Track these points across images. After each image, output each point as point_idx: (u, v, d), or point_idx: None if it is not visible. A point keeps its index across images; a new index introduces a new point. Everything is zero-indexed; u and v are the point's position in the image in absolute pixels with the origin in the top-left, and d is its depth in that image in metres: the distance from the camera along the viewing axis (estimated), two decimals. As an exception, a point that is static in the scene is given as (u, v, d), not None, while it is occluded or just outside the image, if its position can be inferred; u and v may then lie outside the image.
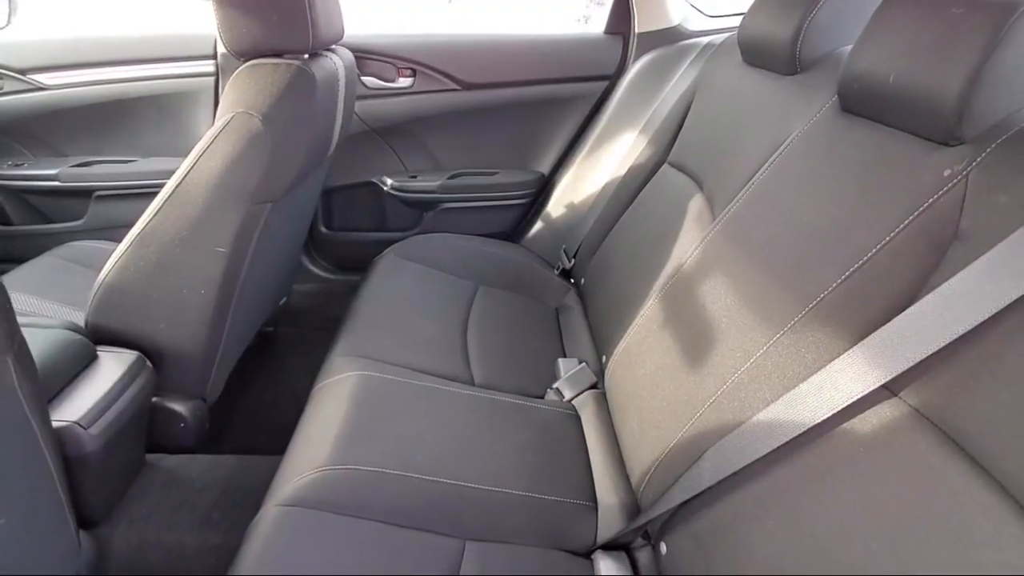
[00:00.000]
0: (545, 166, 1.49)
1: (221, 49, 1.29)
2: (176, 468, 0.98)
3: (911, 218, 0.53)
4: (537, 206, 1.48)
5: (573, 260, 1.36)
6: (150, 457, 0.98)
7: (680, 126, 1.17)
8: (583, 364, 1.08)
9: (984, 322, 0.44)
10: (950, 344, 0.46)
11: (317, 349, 1.06)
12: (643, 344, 0.87)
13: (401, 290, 1.20)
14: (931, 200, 0.52)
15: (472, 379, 1.02)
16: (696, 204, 0.98)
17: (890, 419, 0.49)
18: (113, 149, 1.41)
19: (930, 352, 0.46)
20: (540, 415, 0.95)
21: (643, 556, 0.76)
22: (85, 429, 0.73)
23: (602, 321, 1.12)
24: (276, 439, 0.88)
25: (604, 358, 1.03)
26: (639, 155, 1.24)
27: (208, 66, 1.32)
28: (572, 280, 1.37)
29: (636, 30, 1.34)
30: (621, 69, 1.38)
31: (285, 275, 1.31)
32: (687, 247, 0.89)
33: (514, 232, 1.52)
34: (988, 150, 0.49)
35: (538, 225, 1.46)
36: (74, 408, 0.74)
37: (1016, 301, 0.43)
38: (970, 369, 0.45)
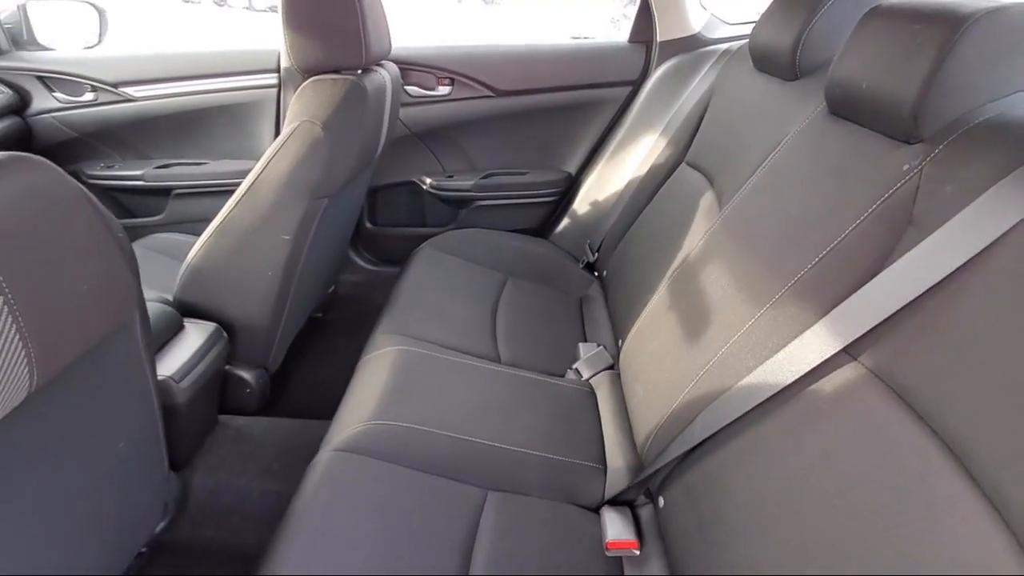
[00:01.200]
0: (572, 166, 1.59)
1: (284, 64, 1.45)
2: (242, 427, 1.14)
3: (874, 207, 0.60)
4: (564, 203, 1.58)
5: (597, 254, 1.46)
6: (221, 417, 1.14)
7: (697, 128, 1.25)
8: (601, 347, 1.17)
9: (924, 293, 0.52)
10: (897, 313, 0.54)
11: (361, 333, 1.19)
12: (652, 326, 0.96)
13: (437, 279, 1.32)
14: (891, 191, 0.59)
15: (499, 358, 1.13)
16: (707, 200, 1.06)
17: (849, 379, 0.57)
18: (189, 152, 1.59)
19: (879, 320, 0.55)
20: (559, 390, 1.05)
21: (644, 512, 0.85)
22: (177, 383, 0.88)
23: (620, 308, 1.21)
24: (325, 406, 1.01)
25: (620, 341, 1.12)
26: (659, 155, 1.33)
27: (271, 79, 1.48)
28: (595, 272, 1.46)
29: (658, 39, 1.42)
30: (644, 75, 1.47)
31: (335, 265, 1.46)
32: (695, 238, 0.97)
33: (542, 228, 1.62)
34: (940, 147, 0.57)
35: (565, 221, 1.56)
36: (167, 366, 0.89)
37: (950, 274, 0.50)
38: (913, 334, 0.53)
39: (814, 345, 0.60)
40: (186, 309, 1.01)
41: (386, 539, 0.72)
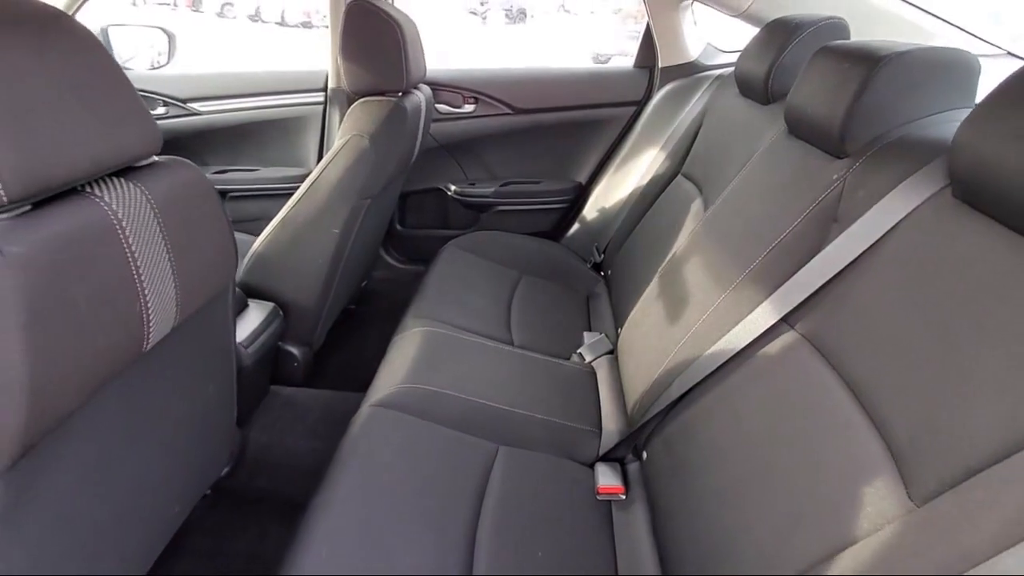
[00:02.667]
0: (582, 176, 1.76)
1: (331, 85, 1.65)
2: (290, 395, 1.32)
3: (810, 209, 0.76)
4: (574, 210, 1.75)
5: (603, 255, 1.62)
6: (272, 387, 1.33)
7: (692, 143, 1.41)
8: (603, 335, 1.33)
9: (839, 273, 0.67)
10: (820, 289, 0.69)
11: (389, 322, 1.34)
12: (643, 312, 1.12)
13: (459, 275, 1.49)
14: (823, 196, 0.75)
15: (512, 341, 1.29)
16: (696, 206, 1.22)
17: (786, 343, 0.73)
18: (244, 160, 1.80)
19: (807, 296, 0.70)
20: (564, 370, 1.21)
21: (632, 469, 1.00)
22: (245, 349, 1.06)
23: (620, 301, 1.36)
24: (359, 381, 1.17)
25: (619, 329, 1.28)
26: (659, 167, 1.49)
27: (318, 97, 1.69)
28: (601, 272, 1.62)
29: (660, 64, 1.59)
30: (647, 97, 1.63)
31: (369, 260, 1.64)
32: (683, 239, 1.13)
33: (554, 231, 1.79)
34: (859, 161, 0.72)
35: (575, 226, 1.72)
36: (238, 334, 1.08)
37: (856, 258, 0.66)
38: (831, 306, 0.68)
39: (761, 318, 0.76)
40: (250, 290, 1.20)
41: (415, 480, 0.88)
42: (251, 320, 1.13)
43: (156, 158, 0.60)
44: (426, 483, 0.88)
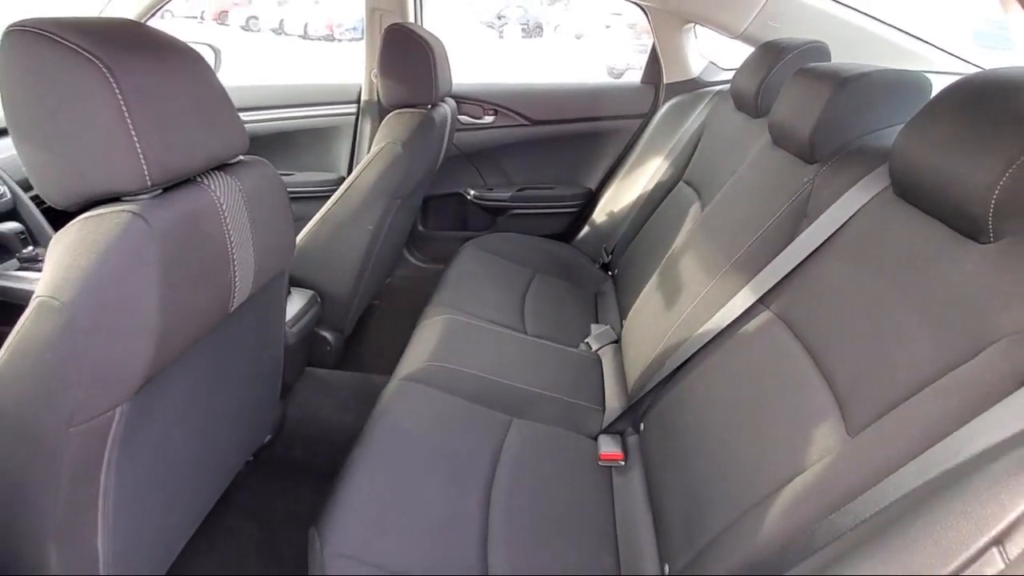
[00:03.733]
0: (592, 183, 1.89)
1: (364, 97, 1.81)
2: (323, 376, 1.46)
3: (785, 207, 0.88)
4: (585, 213, 1.88)
5: (610, 256, 1.74)
6: (307, 369, 1.47)
7: (693, 153, 1.53)
8: (608, 327, 1.45)
9: (804, 260, 0.79)
10: (789, 274, 0.81)
11: (411, 316, 1.46)
12: (643, 303, 1.24)
13: (477, 271, 1.63)
14: (796, 196, 0.87)
15: (525, 330, 1.42)
16: (694, 209, 1.34)
17: (762, 321, 0.84)
18: (280, 165, 1.95)
19: (779, 279, 0.82)
20: (572, 356, 1.33)
21: (631, 441, 1.11)
22: (290, 328, 1.20)
23: (625, 296, 1.49)
24: (384, 367, 1.30)
25: (623, 322, 1.40)
26: (663, 175, 1.62)
27: (351, 109, 1.84)
28: (609, 271, 1.74)
29: (665, 81, 1.73)
30: (653, 110, 1.77)
31: (394, 258, 1.78)
32: (681, 238, 1.25)
33: (566, 233, 1.92)
34: (825, 166, 0.84)
35: (585, 228, 1.85)
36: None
37: (818, 247, 0.78)
38: (797, 287, 0.80)
39: (741, 301, 0.88)
40: (293, 279, 1.35)
41: (438, 443, 1.01)
42: (294, 305, 1.27)
43: (243, 157, 0.74)
44: (448, 447, 1.01)
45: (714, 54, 1.76)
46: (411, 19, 1.69)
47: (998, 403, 0.44)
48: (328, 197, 1.35)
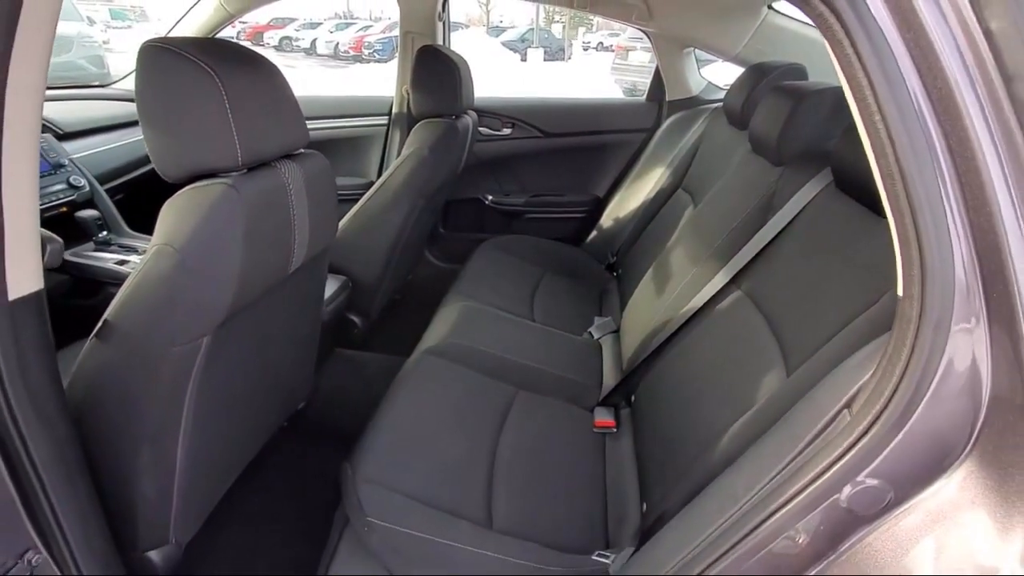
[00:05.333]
0: (600, 190, 2.05)
1: (395, 110, 2.01)
2: (350, 355, 1.62)
3: (755, 203, 1.02)
4: (592, 219, 2.03)
5: (615, 257, 1.89)
6: (336, 349, 1.63)
7: (690, 163, 1.68)
8: (610, 318, 1.59)
9: (766, 246, 0.93)
10: (755, 258, 0.95)
11: (430, 309, 1.61)
12: (639, 293, 1.38)
13: (492, 268, 1.78)
14: (765, 193, 1.01)
15: (534, 319, 1.57)
16: (688, 212, 1.48)
17: (733, 300, 0.98)
18: (317, 171, 2.16)
19: (746, 263, 0.96)
20: (575, 342, 1.48)
21: (624, 413, 1.25)
22: (327, 307, 1.37)
23: (626, 293, 1.63)
24: (405, 351, 1.44)
25: (622, 313, 1.54)
26: (664, 183, 1.77)
27: (383, 120, 2.04)
28: (614, 272, 1.89)
29: (667, 99, 1.89)
30: (656, 125, 1.93)
31: (417, 252, 1.95)
32: (674, 236, 1.39)
33: (575, 236, 2.07)
34: (788, 168, 0.99)
35: (592, 232, 2.01)
36: (320, 297, 1.39)
37: (777, 234, 0.92)
38: (761, 269, 0.94)
39: (716, 282, 1.02)
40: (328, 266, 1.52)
41: (452, 406, 1.15)
42: (329, 288, 1.44)
43: (303, 149, 0.91)
44: (461, 408, 1.16)
45: (713, 75, 1.92)
46: (440, 42, 1.89)
47: (883, 334, 0.58)
48: (357, 200, 1.53)
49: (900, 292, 0.43)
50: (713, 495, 0.61)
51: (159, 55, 0.70)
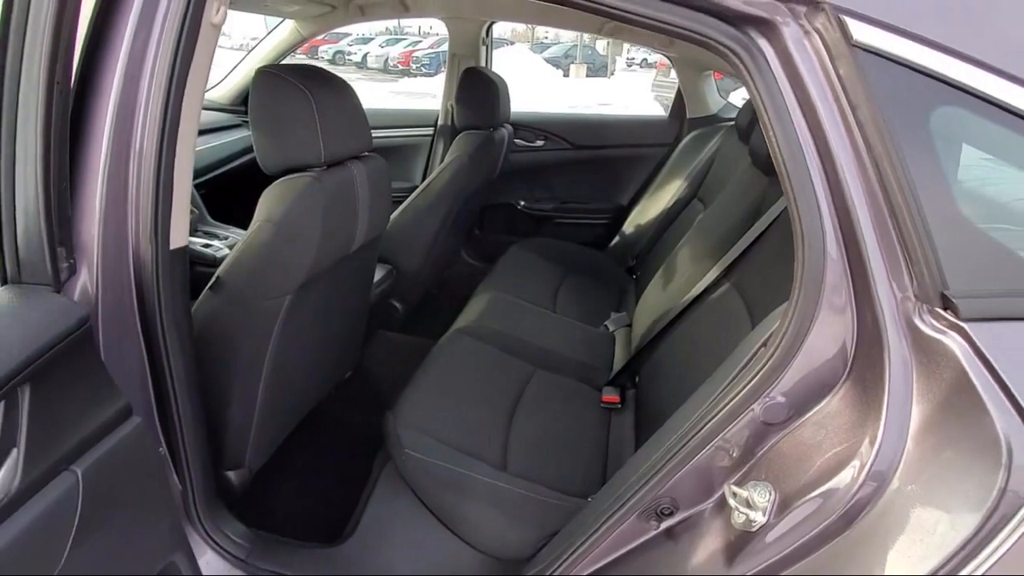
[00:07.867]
0: (624, 199, 2.22)
1: (440, 121, 2.24)
2: (390, 337, 1.83)
3: (748, 207, 1.18)
4: (616, 225, 2.20)
5: (635, 261, 2.05)
6: (378, 331, 1.85)
7: (706, 175, 1.83)
8: (625, 314, 1.75)
9: (753, 243, 1.09)
10: (743, 253, 1.10)
11: (463, 302, 1.80)
12: (649, 290, 1.54)
13: (520, 267, 1.97)
14: (756, 197, 1.17)
15: (555, 311, 1.74)
16: (699, 216, 1.64)
17: (722, 291, 1.13)
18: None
19: (736, 257, 1.11)
20: (591, 333, 1.64)
21: (630, 394, 1.40)
22: (374, 290, 1.59)
23: (641, 291, 1.78)
24: (439, 334, 1.64)
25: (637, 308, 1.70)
26: (682, 193, 1.92)
27: (428, 131, 2.27)
28: (633, 275, 2.05)
29: (688, 116, 2.05)
30: (677, 140, 2.09)
31: (454, 250, 2.16)
32: (684, 240, 1.55)
33: (599, 241, 2.24)
34: (774, 176, 1.14)
35: (615, 238, 2.17)
36: (369, 282, 1.61)
37: (761, 233, 1.07)
38: (747, 262, 1.09)
39: (710, 276, 1.17)
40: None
41: (476, 377, 1.33)
42: (376, 274, 1.66)
43: (366, 153, 1.13)
44: (485, 380, 1.34)
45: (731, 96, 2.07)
46: (483, 63, 2.11)
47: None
48: (403, 201, 1.74)
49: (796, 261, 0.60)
50: (667, 427, 0.77)
51: (269, 78, 0.92)
